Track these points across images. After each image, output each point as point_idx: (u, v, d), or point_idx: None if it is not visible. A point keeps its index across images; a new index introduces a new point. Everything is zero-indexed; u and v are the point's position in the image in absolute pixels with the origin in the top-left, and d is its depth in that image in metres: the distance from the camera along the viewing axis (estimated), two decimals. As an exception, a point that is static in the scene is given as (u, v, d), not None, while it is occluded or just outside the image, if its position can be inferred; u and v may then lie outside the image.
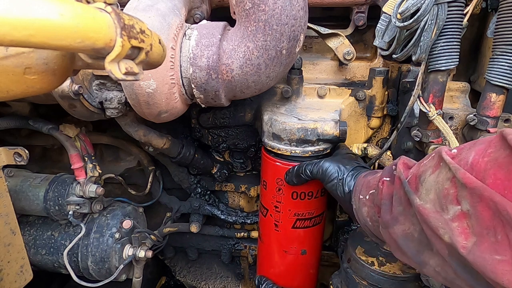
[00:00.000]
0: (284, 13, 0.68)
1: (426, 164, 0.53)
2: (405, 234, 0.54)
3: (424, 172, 0.52)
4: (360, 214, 0.69)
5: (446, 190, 0.46)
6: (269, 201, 0.93)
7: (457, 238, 0.42)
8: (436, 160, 0.51)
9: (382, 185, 0.62)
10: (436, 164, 0.50)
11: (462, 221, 0.43)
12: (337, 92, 0.98)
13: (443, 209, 0.46)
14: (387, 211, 0.58)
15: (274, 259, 1.00)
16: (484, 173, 0.42)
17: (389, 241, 0.59)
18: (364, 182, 0.70)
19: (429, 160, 0.54)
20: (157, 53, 0.41)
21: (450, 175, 0.46)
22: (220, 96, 0.78)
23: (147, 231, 1.11)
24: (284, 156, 0.87)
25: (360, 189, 0.70)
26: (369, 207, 0.66)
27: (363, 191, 0.69)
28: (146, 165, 1.22)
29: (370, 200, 0.66)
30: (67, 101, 0.82)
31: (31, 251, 1.04)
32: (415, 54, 0.73)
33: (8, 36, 0.27)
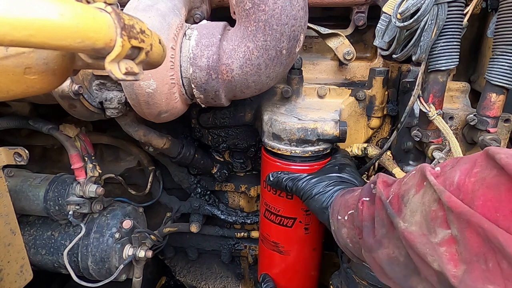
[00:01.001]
0: (284, 13, 0.68)
1: (408, 183, 0.50)
2: (390, 258, 0.51)
3: (407, 192, 0.50)
4: (340, 235, 0.66)
5: (434, 212, 0.43)
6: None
7: (446, 266, 0.40)
8: (418, 179, 0.48)
9: (361, 205, 0.59)
10: (419, 183, 0.48)
11: (451, 246, 0.41)
12: (337, 92, 0.98)
13: (430, 232, 0.43)
14: (370, 234, 0.56)
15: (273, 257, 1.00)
16: (473, 194, 0.40)
17: (373, 265, 0.56)
18: (341, 202, 0.67)
19: (410, 177, 0.51)
20: (157, 53, 0.41)
21: (436, 196, 0.43)
22: (220, 96, 0.78)
23: (147, 231, 1.11)
24: (284, 156, 0.87)
25: (337, 209, 0.67)
26: (348, 228, 0.63)
27: (341, 211, 0.66)
28: (146, 165, 1.22)
29: (349, 221, 0.62)
30: (67, 101, 0.82)
31: (31, 251, 1.04)
32: (415, 54, 0.73)
33: (8, 36, 0.27)
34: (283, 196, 0.88)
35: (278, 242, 0.95)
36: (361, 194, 0.61)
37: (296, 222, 0.91)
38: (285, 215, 0.91)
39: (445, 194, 0.41)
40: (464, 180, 0.42)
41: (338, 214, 0.66)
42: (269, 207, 0.93)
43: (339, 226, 0.66)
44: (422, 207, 0.45)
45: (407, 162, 0.94)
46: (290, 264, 0.98)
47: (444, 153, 0.79)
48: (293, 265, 0.99)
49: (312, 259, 1.00)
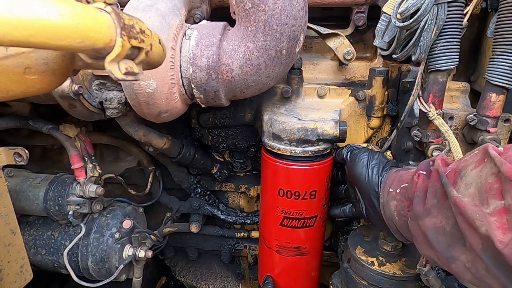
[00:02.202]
0: (284, 13, 0.68)
1: (468, 160, 0.52)
2: (436, 227, 0.53)
3: (465, 167, 0.51)
4: (387, 208, 0.68)
5: (490, 184, 0.45)
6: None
7: (494, 231, 0.41)
8: (480, 156, 0.50)
9: (417, 178, 0.61)
10: (480, 160, 0.49)
11: (502, 216, 0.42)
12: (337, 92, 0.98)
13: (483, 203, 0.45)
14: (420, 203, 0.57)
15: (274, 260, 1.00)
16: None
17: (417, 234, 0.58)
18: (396, 176, 0.70)
19: (472, 156, 0.53)
20: (157, 53, 0.41)
21: (495, 169, 0.45)
22: (220, 96, 0.78)
23: (147, 231, 1.11)
24: (284, 156, 0.87)
25: (391, 183, 0.69)
26: (398, 200, 0.65)
27: (394, 184, 0.68)
28: (146, 165, 1.22)
29: (401, 194, 0.64)
30: (67, 101, 0.82)
31: (31, 251, 1.04)
32: (415, 54, 0.73)
33: (8, 36, 0.27)
34: (306, 198, 0.88)
35: (301, 245, 0.95)
36: (418, 168, 0.63)
37: (317, 219, 0.92)
38: (307, 216, 0.91)
39: (505, 165, 0.43)
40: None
41: (390, 187, 0.69)
42: (290, 213, 0.90)
43: (389, 198, 0.68)
44: (478, 179, 0.47)
45: (407, 162, 0.94)
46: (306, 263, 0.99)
47: (444, 153, 0.79)
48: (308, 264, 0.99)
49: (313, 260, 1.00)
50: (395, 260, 0.83)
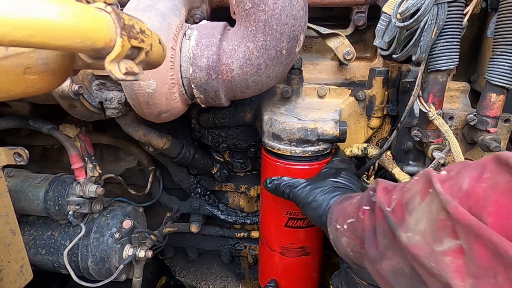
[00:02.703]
0: (284, 13, 0.68)
1: (411, 189, 0.48)
2: (394, 269, 0.49)
3: (411, 200, 0.47)
4: (339, 244, 0.64)
5: (442, 221, 0.41)
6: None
7: (453, 279, 0.38)
8: (423, 185, 0.47)
9: (363, 215, 0.57)
10: (424, 190, 0.46)
11: (458, 258, 0.39)
12: (337, 92, 0.98)
13: (435, 241, 0.42)
14: (372, 245, 0.54)
15: (275, 261, 1.00)
16: (484, 201, 0.38)
17: (376, 277, 0.55)
18: (339, 210, 0.66)
19: (413, 183, 0.49)
20: (157, 53, 0.41)
21: (443, 205, 0.42)
22: (220, 96, 0.78)
23: (147, 231, 1.11)
24: (284, 156, 0.87)
25: (336, 217, 0.66)
26: (349, 237, 0.61)
27: (339, 220, 0.64)
28: (146, 165, 1.22)
29: (350, 231, 0.61)
30: (67, 101, 0.82)
31: (31, 251, 1.04)
32: (415, 54, 0.73)
33: (8, 36, 0.27)
34: None
35: (305, 245, 0.95)
36: (361, 202, 0.59)
37: None
38: None
39: (451, 205, 0.40)
40: (474, 186, 0.40)
41: (336, 222, 0.65)
42: (295, 214, 0.90)
43: (338, 235, 0.64)
44: (429, 215, 0.44)
45: (407, 162, 0.94)
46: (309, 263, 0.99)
47: (444, 153, 0.79)
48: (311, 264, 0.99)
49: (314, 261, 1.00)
50: (395, 260, 0.83)
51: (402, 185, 0.52)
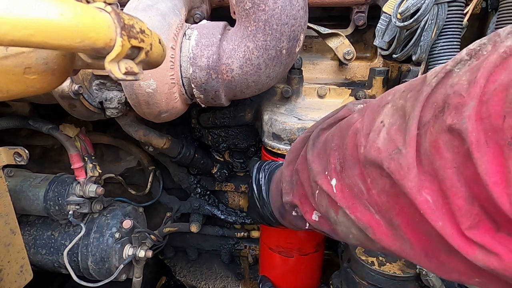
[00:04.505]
0: (284, 13, 0.68)
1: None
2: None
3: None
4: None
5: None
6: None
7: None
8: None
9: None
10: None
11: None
12: (337, 92, 0.98)
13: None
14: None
15: (275, 261, 0.99)
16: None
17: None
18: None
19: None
20: (157, 53, 0.41)
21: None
22: (220, 96, 0.78)
23: (147, 231, 1.11)
24: (284, 156, 0.87)
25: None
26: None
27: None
28: (146, 165, 1.22)
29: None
30: (67, 101, 0.82)
31: (31, 251, 1.04)
32: (415, 54, 0.73)
33: (8, 35, 0.27)
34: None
35: (304, 245, 0.95)
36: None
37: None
38: None
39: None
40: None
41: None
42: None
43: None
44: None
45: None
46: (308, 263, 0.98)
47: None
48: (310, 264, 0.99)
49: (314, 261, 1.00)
50: (395, 260, 0.83)
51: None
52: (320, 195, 0.52)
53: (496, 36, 0.33)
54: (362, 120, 0.46)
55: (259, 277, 1.03)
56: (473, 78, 0.31)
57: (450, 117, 0.32)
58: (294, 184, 0.61)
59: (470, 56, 0.35)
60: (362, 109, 0.50)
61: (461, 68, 0.35)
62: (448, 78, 0.35)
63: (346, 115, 0.55)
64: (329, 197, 0.49)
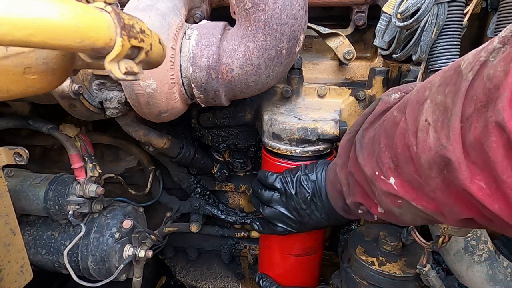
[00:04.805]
0: (284, 12, 0.68)
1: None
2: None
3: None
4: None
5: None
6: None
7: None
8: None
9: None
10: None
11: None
12: (337, 92, 0.98)
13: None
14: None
15: (275, 261, 0.99)
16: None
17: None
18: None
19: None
20: (157, 52, 0.41)
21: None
22: (220, 96, 0.78)
23: (147, 231, 1.11)
24: (284, 156, 0.87)
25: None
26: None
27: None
28: (146, 165, 1.22)
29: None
30: (67, 101, 0.82)
31: (31, 251, 1.04)
32: (415, 54, 0.73)
33: (8, 35, 0.27)
34: None
35: (304, 245, 0.94)
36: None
37: None
38: None
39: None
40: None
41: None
42: None
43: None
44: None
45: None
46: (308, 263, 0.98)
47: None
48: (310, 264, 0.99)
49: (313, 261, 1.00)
50: (395, 260, 0.83)
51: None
52: (379, 195, 0.55)
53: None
54: (405, 119, 0.48)
55: (258, 274, 1.03)
56: (509, 68, 0.32)
57: (493, 111, 0.34)
58: (352, 186, 0.63)
59: (503, 43, 0.36)
60: (401, 105, 0.52)
61: (496, 56, 0.35)
62: (483, 69, 0.36)
63: (383, 109, 0.58)
64: (390, 195, 0.52)
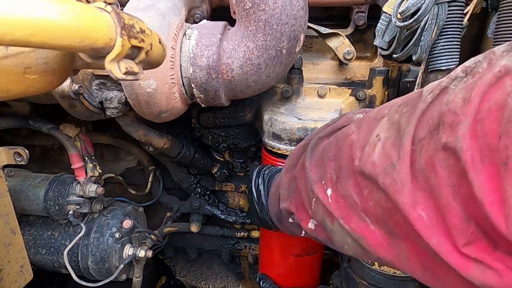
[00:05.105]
0: (284, 12, 0.68)
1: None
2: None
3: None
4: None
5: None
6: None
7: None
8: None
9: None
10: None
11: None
12: (337, 92, 0.98)
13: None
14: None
15: (275, 261, 0.99)
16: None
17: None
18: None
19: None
20: (157, 52, 0.41)
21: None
22: (220, 96, 0.78)
23: (147, 231, 1.11)
24: (284, 156, 0.87)
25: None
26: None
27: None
28: (146, 165, 1.22)
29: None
30: (67, 101, 0.82)
31: (31, 251, 1.04)
32: (416, 54, 0.73)
33: (8, 35, 0.27)
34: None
35: (304, 245, 0.94)
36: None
37: None
38: None
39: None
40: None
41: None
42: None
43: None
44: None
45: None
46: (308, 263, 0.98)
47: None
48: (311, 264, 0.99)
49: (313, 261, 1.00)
50: (395, 260, 0.83)
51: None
52: (316, 203, 0.52)
53: (491, 54, 0.33)
54: (359, 132, 0.46)
55: (258, 275, 1.03)
56: (468, 96, 0.31)
57: (445, 135, 0.32)
58: (291, 191, 0.61)
59: (465, 73, 0.35)
60: (360, 120, 0.50)
61: (457, 85, 0.34)
62: (443, 95, 0.35)
63: (345, 124, 0.55)
64: (324, 207, 0.49)
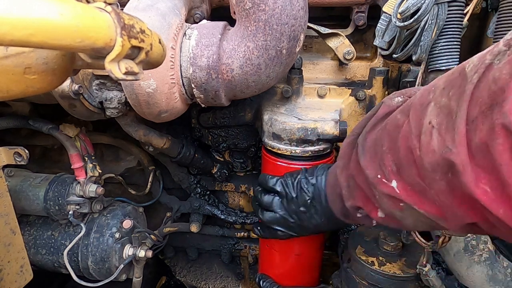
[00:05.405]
0: (284, 12, 0.68)
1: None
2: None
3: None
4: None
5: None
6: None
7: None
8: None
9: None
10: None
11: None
12: (337, 92, 0.98)
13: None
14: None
15: (275, 261, 0.99)
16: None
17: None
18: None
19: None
20: (157, 52, 0.41)
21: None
22: (220, 96, 0.78)
23: (147, 231, 1.11)
24: (284, 156, 0.87)
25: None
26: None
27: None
28: (146, 165, 1.22)
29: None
30: (67, 101, 0.82)
31: (31, 251, 1.04)
32: (416, 54, 0.73)
33: (8, 35, 0.27)
34: None
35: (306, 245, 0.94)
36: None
37: None
38: None
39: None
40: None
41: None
42: None
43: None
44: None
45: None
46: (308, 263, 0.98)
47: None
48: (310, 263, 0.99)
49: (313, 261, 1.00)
50: (395, 260, 0.83)
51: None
52: (381, 198, 0.54)
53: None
54: (409, 122, 0.47)
55: (258, 275, 1.03)
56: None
57: (499, 114, 0.33)
58: (352, 188, 0.62)
59: (508, 46, 0.35)
60: (404, 108, 0.51)
61: (501, 59, 0.35)
62: (489, 71, 0.36)
63: (386, 112, 0.57)
64: (391, 198, 0.51)
